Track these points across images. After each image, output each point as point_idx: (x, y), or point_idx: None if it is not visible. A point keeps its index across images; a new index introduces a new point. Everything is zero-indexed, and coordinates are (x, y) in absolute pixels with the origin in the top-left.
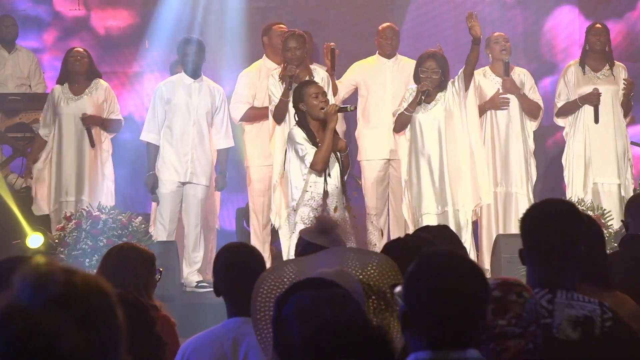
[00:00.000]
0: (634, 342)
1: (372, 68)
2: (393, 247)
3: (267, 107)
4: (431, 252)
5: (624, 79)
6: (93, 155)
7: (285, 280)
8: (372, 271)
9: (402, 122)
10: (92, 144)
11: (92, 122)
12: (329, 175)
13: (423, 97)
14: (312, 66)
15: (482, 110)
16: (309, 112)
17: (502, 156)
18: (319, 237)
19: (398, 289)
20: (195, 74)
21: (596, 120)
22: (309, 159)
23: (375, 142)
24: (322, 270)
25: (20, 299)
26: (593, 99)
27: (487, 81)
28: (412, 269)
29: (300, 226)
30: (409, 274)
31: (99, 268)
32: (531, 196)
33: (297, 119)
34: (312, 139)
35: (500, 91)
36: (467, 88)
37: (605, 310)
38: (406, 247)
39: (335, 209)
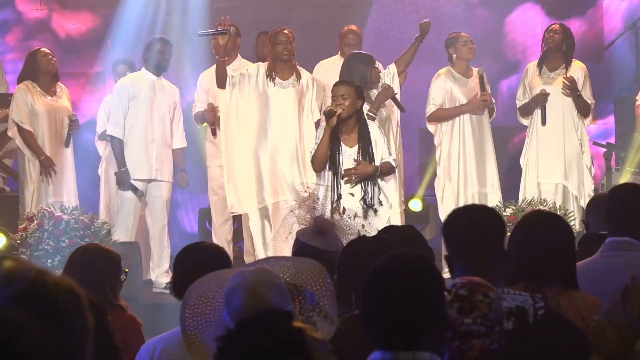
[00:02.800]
0: (566, 328)
1: (335, 69)
2: (351, 248)
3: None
4: (384, 258)
5: (563, 78)
6: (68, 156)
7: (210, 294)
8: (298, 273)
9: None
10: (67, 145)
11: (77, 127)
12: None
13: None
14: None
15: (460, 112)
16: None
17: (477, 157)
18: (315, 238)
19: None
20: (159, 72)
21: (543, 122)
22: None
23: None
24: (243, 268)
25: None
26: (539, 99)
27: (456, 82)
28: (368, 273)
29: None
30: (366, 278)
31: (65, 269)
32: (500, 195)
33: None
34: (336, 139)
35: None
36: None
37: (536, 300)
38: (364, 247)
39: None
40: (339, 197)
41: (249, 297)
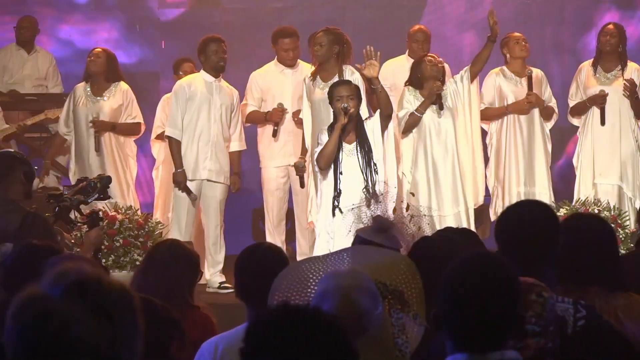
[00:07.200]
0: (609, 337)
1: (401, 67)
2: (421, 247)
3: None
4: (464, 256)
5: (624, 80)
6: (112, 159)
7: (302, 279)
8: (389, 271)
9: (412, 123)
10: (97, 149)
11: (101, 127)
12: (341, 173)
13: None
14: (345, 66)
15: (505, 112)
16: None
17: (525, 157)
18: (377, 235)
19: None
20: (217, 73)
21: (602, 122)
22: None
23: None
24: (335, 270)
25: (42, 287)
26: (598, 100)
27: (507, 81)
28: (446, 273)
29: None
30: (443, 278)
31: (145, 261)
32: (551, 195)
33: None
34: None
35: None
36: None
37: (579, 309)
38: (435, 247)
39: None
40: (340, 192)
41: (341, 303)
